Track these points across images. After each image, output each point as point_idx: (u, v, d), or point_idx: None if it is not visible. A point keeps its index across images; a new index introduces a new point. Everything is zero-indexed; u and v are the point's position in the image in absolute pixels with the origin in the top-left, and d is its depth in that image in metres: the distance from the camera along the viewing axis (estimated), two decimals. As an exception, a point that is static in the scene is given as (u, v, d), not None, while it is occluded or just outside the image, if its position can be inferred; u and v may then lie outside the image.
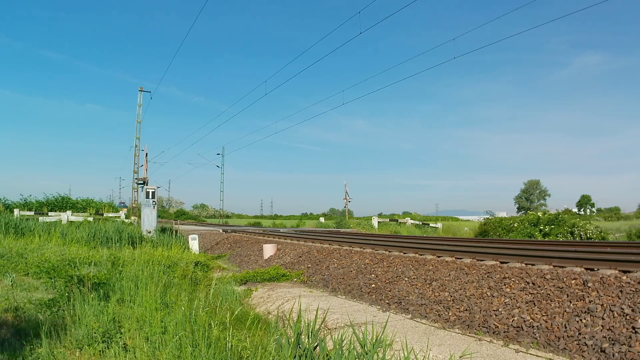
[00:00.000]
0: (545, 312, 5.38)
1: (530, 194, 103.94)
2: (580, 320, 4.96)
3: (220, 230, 24.75)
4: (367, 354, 3.78)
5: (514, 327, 5.38)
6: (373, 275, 8.95)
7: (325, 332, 5.44)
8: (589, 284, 5.46)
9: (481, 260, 7.81)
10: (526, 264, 7.03)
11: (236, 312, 5.60)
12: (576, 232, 20.72)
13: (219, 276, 10.72)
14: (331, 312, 6.58)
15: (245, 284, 10.13)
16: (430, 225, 34.59)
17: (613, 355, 4.28)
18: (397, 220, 36.11)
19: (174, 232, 21.21)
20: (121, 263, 9.43)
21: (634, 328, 4.47)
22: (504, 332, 5.37)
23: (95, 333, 4.89)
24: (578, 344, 4.64)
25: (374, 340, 3.86)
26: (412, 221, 35.50)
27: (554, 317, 5.22)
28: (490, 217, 33.56)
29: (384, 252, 10.51)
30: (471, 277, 7.03)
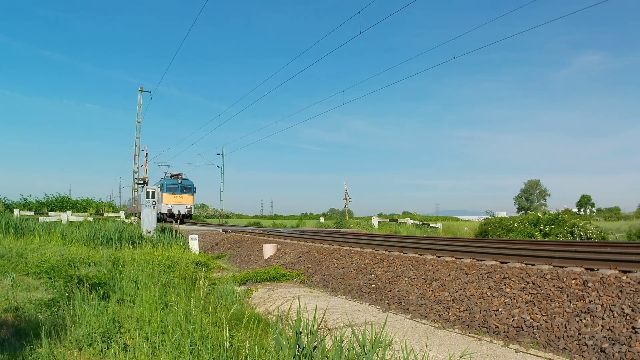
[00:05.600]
0: (545, 312, 5.38)
1: (530, 194, 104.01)
2: (580, 320, 4.96)
3: (220, 230, 24.74)
4: (366, 354, 3.78)
5: (514, 327, 5.38)
6: (373, 275, 8.95)
7: (325, 332, 5.44)
8: (589, 284, 5.45)
9: (481, 260, 7.81)
10: (526, 264, 7.03)
11: (236, 312, 5.60)
12: (576, 232, 20.73)
13: (219, 276, 10.72)
14: (331, 312, 6.58)
15: (245, 284, 10.13)
16: (430, 225, 34.57)
17: (613, 355, 4.28)
18: (397, 220, 36.10)
19: (174, 232, 21.21)
20: (121, 263, 9.43)
21: (634, 328, 4.47)
22: (504, 332, 5.37)
23: (95, 333, 4.89)
24: (578, 344, 4.64)
25: (374, 340, 3.86)
26: (412, 221, 35.48)
27: (554, 317, 5.22)
28: (490, 217, 33.55)
29: (384, 252, 10.50)
30: (471, 277, 7.02)
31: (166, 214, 37.30)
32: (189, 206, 38.77)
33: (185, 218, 38.54)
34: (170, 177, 39.71)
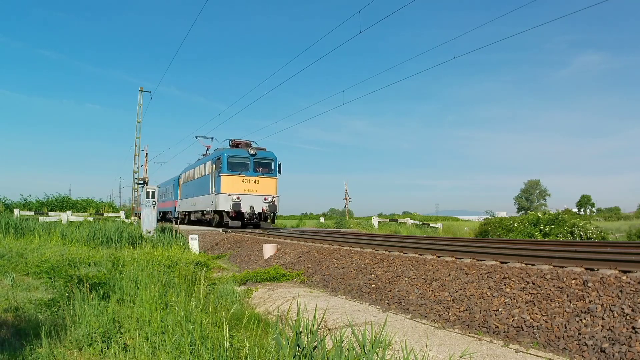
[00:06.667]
0: (545, 312, 5.38)
1: (530, 194, 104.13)
2: (580, 320, 4.96)
3: (220, 230, 24.72)
4: (366, 354, 3.78)
5: (514, 327, 5.38)
6: (373, 275, 8.95)
7: (325, 332, 5.44)
8: (589, 284, 5.45)
9: (481, 260, 7.81)
10: (526, 264, 7.03)
11: (236, 312, 5.60)
12: (576, 232, 20.73)
13: (219, 276, 10.72)
14: (331, 312, 6.58)
15: (245, 284, 10.13)
16: (430, 225, 34.58)
17: (613, 355, 4.28)
18: (397, 220, 36.11)
19: (174, 232, 21.20)
20: (121, 263, 9.42)
21: (634, 328, 4.47)
22: (504, 332, 5.37)
23: (95, 333, 4.89)
24: (578, 344, 4.64)
25: (374, 340, 3.86)
26: (412, 221, 35.49)
27: (554, 317, 5.22)
28: (490, 217, 33.54)
29: (384, 252, 10.50)
30: (471, 277, 7.02)
31: (228, 212, 22.36)
32: (270, 198, 22.48)
33: (263, 220, 22.87)
34: (232, 146, 22.91)
